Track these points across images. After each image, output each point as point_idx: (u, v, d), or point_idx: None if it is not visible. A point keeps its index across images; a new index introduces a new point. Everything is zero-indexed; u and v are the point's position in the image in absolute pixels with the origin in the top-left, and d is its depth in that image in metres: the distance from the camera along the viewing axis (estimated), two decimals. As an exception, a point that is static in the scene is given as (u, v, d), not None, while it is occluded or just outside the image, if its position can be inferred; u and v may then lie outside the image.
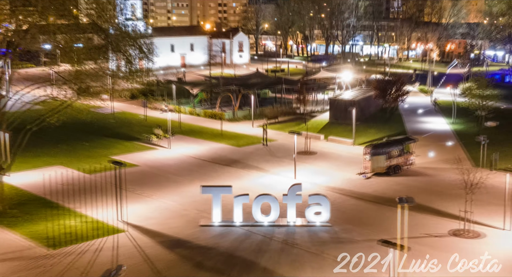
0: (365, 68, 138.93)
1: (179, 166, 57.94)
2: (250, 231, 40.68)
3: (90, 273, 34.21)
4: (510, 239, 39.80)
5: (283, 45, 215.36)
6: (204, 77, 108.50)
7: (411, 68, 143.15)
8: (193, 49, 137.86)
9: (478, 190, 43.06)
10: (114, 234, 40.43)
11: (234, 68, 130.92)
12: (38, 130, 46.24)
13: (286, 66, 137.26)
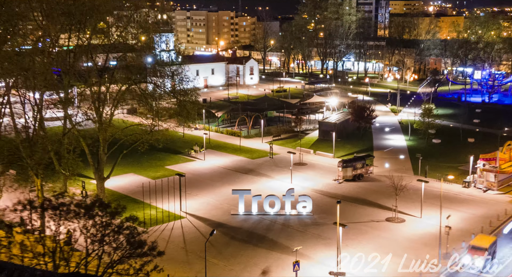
0: (351, 87, 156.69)
1: (212, 174, 78.02)
2: (262, 218, 60.98)
3: (171, 239, 54.62)
4: (422, 223, 59.51)
5: (286, 60, 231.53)
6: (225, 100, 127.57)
7: (389, 88, 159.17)
8: (214, 73, 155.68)
9: (406, 191, 63.38)
10: (179, 219, 60.77)
11: (247, 89, 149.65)
12: (110, 146, 64.10)
13: (288, 86, 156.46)
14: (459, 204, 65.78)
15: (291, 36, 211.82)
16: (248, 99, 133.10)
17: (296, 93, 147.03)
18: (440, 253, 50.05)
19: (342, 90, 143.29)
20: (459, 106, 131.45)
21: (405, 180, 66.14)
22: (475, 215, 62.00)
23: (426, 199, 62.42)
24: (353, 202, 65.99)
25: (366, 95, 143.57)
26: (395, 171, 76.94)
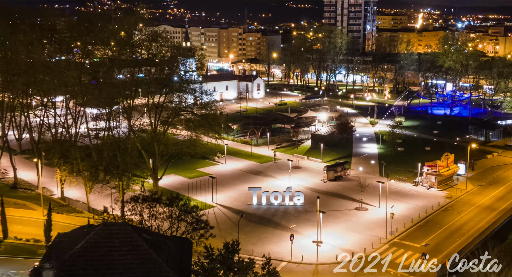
0: (340, 100, 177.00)
1: (232, 175, 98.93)
2: (269, 207, 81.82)
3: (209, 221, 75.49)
4: (379, 211, 79.79)
5: (287, 73, 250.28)
6: (237, 112, 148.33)
7: (372, 101, 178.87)
8: (228, 89, 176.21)
9: (370, 188, 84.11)
10: (211, 208, 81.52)
11: (255, 102, 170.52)
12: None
13: (288, 99, 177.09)
14: (409, 198, 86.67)
15: (291, 54, 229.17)
16: (256, 112, 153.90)
17: (295, 106, 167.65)
18: (386, 231, 71.01)
19: (332, 104, 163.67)
20: (425, 118, 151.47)
21: (370, 180, 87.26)
22: (417, 206, 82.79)
23: (384, 194, 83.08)
24: (333, 196, 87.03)
25: (351, 108, 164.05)
26: (366, 173, 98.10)
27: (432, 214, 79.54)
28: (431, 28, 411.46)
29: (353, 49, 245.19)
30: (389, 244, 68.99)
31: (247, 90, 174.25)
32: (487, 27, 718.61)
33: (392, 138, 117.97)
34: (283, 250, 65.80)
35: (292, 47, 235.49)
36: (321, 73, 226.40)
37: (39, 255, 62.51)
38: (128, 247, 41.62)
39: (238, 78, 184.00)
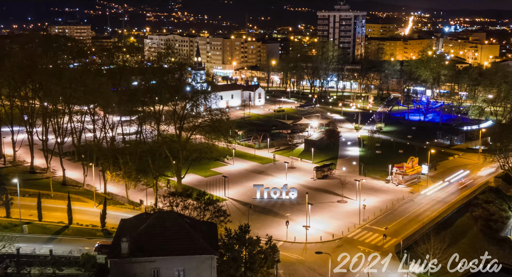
0: (331, 107, 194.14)
1: (239, 174, 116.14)
2: (269, 200, 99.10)
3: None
4: (355, 203, 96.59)
5: (285, 79, 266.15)
6: (241, 119, 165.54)
7: (358, 108, 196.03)
8: (233, 97, 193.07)
9: (349, 185, 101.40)
10: (224, 201, 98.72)
11: (257, 109, 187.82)
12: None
13: (285, 106, 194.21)
14: (380, 192, 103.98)
15: (288, 63, 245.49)
16: (258, 118, 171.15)
17: (291, 113, 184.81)
18: (359, 218, 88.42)
19: (323, 111, 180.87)
20: (403, 124, 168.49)
21: (350, 178, 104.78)
22: (387, 199, 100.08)
23: (363, 189, 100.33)
24: (320, 192, 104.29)
25: (340, 114, 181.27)
26: (348, 173, 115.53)
27: (397, 205, 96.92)
28: (416, 36, 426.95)
29: (344, 59, 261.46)
30: (361, 229, 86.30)
31: (250, 99, 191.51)
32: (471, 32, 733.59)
33: (371, 142, 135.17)
34: (280, 232, 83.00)
35: (289, 58, 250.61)
36: (315, 79, 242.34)
37: (98, 236, 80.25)
38: (176, 228, 58.97)
39: (242, 88, 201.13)
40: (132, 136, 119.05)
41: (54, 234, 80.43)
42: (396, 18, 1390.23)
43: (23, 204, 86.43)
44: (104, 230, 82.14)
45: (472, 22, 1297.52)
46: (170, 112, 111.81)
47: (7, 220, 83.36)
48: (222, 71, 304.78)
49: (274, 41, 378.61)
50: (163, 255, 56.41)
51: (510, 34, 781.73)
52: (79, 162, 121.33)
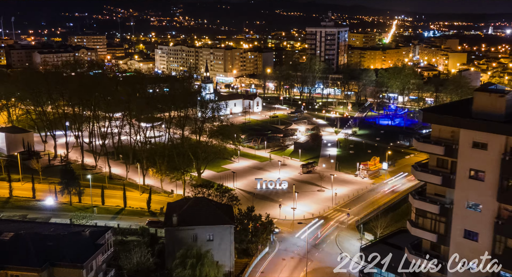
0: (316, 113, 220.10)
1: (243, 170, 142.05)
2: (267, 190, 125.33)
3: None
4: (330, 192, 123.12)
5: (278, 86, 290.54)
6: (243, 123, 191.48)
7: (339, 113, 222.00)
8: (235, 105, 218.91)
9: (326, 178, 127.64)
10: (233, 190, 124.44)
11: (256, 115, 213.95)
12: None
13: (279, 112, 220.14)
14: (350, 184, 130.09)
15: (280, 72, 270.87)
16: (256, 124, 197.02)
17: (284, 118, 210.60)
18: (332, 203, 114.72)
19: (310, 116, 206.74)
20: (374, 128, 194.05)
21: (327, 173, 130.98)
22: (354, 188, 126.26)
23: (337, 181, 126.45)
24: (305, 183, 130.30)
25: (323, 119, 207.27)
26: (326, 169, 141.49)
27: (361, 193, 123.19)
28: (393, 46, 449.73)
29: (328, 69, 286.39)
30: (333, 210, 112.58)
31: (249, 106, 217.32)
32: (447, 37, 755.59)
33: (346, 144, 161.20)
34: (275, 212, 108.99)
35: (282, 69, 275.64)
36: (304, 86, 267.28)
37: (146, 216, 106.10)
38: (206, 207, 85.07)
39: (243, 97, 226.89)
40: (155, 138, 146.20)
41: (115, 214, 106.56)
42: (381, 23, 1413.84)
43: (88, 192, 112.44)
44: (150, 211, 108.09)
45: (450, 26, 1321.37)
46: (188, 118, 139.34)
47: (80, 204, 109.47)
48: (224, 79, 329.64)
49: (269, 50, 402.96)
50: (199, 225, 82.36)
51: (483, 39, 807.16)
52: (118, 160, 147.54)
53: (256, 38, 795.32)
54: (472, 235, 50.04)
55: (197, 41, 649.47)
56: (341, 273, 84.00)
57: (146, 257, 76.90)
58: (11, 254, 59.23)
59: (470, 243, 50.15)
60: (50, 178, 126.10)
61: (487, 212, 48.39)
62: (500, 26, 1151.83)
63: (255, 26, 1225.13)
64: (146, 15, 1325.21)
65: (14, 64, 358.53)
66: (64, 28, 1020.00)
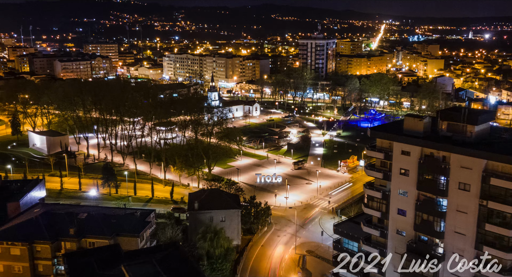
0: (307, 117, 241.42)
1: (245, 166, 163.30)
2: (265, 183, 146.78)
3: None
4: (316, 184, 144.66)
5: (274, 91, 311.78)
6: (244, 126, 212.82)
7: (327, 116, 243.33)
8: (237, 110, 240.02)
9: (313, 173, 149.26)
10: (238, 184, 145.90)
11: (255, 119, 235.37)
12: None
13: (275, 116, 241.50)
14: (333, 178, 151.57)
15: (276, 81, 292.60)
16: (255, 127, 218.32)
17: (279, 122, 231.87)
18: (317, 193, 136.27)
19: (301, 120, 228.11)
20: (356, 130, 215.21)
21: (314, 169, 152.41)
22: (336, 181, 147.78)
23: (322, 176, 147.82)
24: (296, 178, 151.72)
25: (313, 122, 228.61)
26: (314, 166, 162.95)
27: (341, 185, 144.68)
28: (377, 53, 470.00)
29: (317, 76, 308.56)
30: (317, 199, 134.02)
31: (249, 111, 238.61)
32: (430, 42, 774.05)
33: (331, 144, 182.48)
34: (271, 201, 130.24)
35: (277, 76, 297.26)
36: (297, 92, 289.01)
37: (170, 204, 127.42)
38: (219, 196, 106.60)
39: (243, 103, 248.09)
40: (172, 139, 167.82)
41: (145, 202, 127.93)
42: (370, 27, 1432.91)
43: (123, 185, 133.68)
44: (173, 200, 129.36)
45: (434, 30, 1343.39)
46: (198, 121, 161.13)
47: (117, 194, 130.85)
48: (226, 84, 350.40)
49: (265, 57, 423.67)
50: (214, 209, 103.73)
51: (463, 43, 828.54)
52: (141, 159, 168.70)
53: (254, 43, 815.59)
54: (403, 212, 71.48)
55: (199, 47, 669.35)
56: (322, 246, 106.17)
57: (176, 233, 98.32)
58: (87, 228, 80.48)
59: (401, 218, 71.61)
60: (88, 174, 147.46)
61: (411, 197, 69.84)
62: (480, 30, 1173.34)
63: (252, 30, 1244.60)
64: (150, 21, 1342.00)
65: (37, 71, 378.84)
66: (75, 33, 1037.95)
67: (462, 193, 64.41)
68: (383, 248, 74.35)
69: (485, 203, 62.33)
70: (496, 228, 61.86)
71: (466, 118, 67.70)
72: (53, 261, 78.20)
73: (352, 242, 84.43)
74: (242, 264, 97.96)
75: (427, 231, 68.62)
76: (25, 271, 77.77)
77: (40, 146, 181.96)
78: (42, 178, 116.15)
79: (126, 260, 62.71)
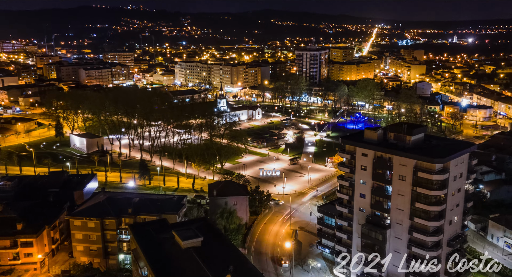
0: (301, 119, 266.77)
1: (250, 162, 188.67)
2: (266, 176, 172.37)
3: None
4: (307, 177, 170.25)
5: (274, 96, 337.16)
6: (248, 129, 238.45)
7: (318, 119, 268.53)
8: (242, 114, 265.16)
9: (305, 167, 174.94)
10: (245, 177, 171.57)
11: (257, 121, 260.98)
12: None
13: (274, 119, 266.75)
14: (321, 171, 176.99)
15: (276, 87, 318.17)
16: (258, 128, 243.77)
17: (277, 124, 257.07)
18: (308, 184, 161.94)
19: (297, 122, 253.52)
20: (343, 131, 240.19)
21: (306, 164, 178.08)
22: (323, 174, 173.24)
23: (312, 170, 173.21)
24: (291, 171, 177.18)
25: (307, 124, 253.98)
26: (306, 162, 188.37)
27: (327, 177, 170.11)
28: (366, 60, 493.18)
29: (311, 83, 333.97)
30: (308, 188, 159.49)
31: (253, 115, 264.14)
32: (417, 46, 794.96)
33: (321, 143, 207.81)
34: (272, 190, 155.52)
35: (276, 83, 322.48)
36: (293, 96, 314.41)
37: (192, 192, 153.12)
38: (232, 186, 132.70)
39: (248, 108, 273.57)
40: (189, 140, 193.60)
41: (173, 191, 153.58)
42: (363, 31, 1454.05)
43: (155, 178, 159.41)
44: (194, 190, 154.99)
45: (422, 34, 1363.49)
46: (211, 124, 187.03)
47: (151, 185, 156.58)
48: (231, 89, 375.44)
49: (266, 64, 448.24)
50: (228, 196, 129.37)
51: (447, 47, 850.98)
52: (164, 156, 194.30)
53: (255, 48, 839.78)
54: (363, 196, 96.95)
55: (205, 52, 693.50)
56: (311, 223, 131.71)
57: (200, 213, 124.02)
58: (140, 208, 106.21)
59: (362, 199, 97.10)
60: (124, 169, 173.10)
61: (368, 185, 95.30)
62: (465, 34, 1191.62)
63: (253, 35, 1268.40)
64: (159, 26, 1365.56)
65: (63, 78, 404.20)
66: (90, 39, 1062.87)
67: (401, 182, 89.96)
68: (351, 221, 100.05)
69: (415, 189, 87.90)
70: (422, 205, 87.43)
71: (406, 131, 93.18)
72: (117, 232, 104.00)
73: (331, 219, 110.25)
74: (250, 236, 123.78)
75: (379, 208, 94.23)
76: (97, 238, 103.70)
77: (80, 146, 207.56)
78: (94, 173, 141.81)
79: (172, 229, 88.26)
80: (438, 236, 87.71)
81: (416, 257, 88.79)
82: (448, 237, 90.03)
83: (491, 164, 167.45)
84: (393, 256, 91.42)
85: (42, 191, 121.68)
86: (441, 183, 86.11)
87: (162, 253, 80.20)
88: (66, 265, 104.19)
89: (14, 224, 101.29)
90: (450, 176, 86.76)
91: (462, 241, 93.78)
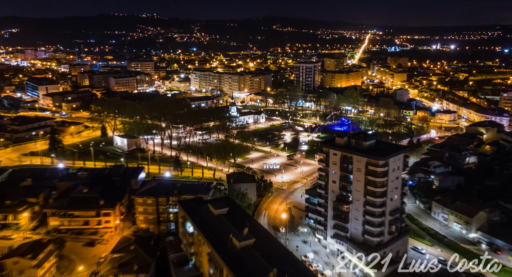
0: (297, 122, 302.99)
1: (257, 158, 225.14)
2: (269, 168, 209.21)
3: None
4: (300, 169, 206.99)
5: (276, 101, 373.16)
6: (255, 131, 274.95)
7: (311, 122, 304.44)
8: (249, 118, 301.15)
9: (299, 162, 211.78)
10: (253, 169, 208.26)
11: (262, 124, 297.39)
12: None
13: (276, 122, 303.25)
14: (311, 165, 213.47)
15: (277, 94, 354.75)
16: (262, 130, 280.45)
17: (278, 126, 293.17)
18: (301, 174, 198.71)
19: (293, 125, 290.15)
20: (331, 132, 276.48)
21: (300, 159, 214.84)
22: (313, 167, 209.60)
23: (304, 164, 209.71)
24: (288, 165, 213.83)
25: (302, 127, 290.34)
26: (300, 157, 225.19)
27: (316, 170, 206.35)
28: (354, 69, 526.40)
29: (307, 90, 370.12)
30: (300, 177, 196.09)
31: (258, 119, 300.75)
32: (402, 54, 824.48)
33: (312, 143, 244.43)
34: (273, 179, 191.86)
35: (277, 91, 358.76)
36: (292, 102, 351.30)
37: (213, 181, 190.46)
38: (244, 175, 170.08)
39: (253, 113, 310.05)
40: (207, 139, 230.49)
41: (199, 180, 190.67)
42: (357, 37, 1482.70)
43: (186, 170, 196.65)
44: (216, 179, 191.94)
45: (411, 40, 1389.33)
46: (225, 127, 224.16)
47: (182, 175, 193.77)
48: (239, 95, 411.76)
49: (268, 72, 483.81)
50: (241, 183, 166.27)
51: (430, 54, 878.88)
52: (189, 153, 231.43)
53: (258, 54, 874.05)
54: (334, 182, 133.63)
55: (214, 59, 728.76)
56: (302, 203, 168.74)
57: (222, 195, 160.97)
58: (182, 190, 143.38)
59: (334, 184, 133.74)
60: (160, 163, 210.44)
61: (337, 174, 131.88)
62: (449, 40, 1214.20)
63: (257, 41, 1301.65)
64: (171, 32, 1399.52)
65: (95, 84, 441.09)
66: (110, 45, 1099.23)
67: (358, 172, 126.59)
68: (326, 199, 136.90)
69: (367, 177, 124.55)
70: (372, 188, 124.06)
71: (362, 138, 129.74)
72: (167, 206, 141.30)
73: (314, 198, 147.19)
74: (257, 212, 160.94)
75: (344, 190, 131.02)
76: (153, 211, 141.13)
77: (121, 145, 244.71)
78: (142, 166, 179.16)
79: (206, 203, 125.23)
80: (382, 208, 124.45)
81: (369, 222, 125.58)
82: (390, 209, 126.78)
83: (442, 160, 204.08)
84: (354, 222, 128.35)
85: (108, 180, 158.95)
86: (384, 173, 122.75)
87: (202, 217, 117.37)
88: (131, 230, 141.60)
89: (97, 201, 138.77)
90: (390, 168, 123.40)
91: (400, 212, 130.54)
